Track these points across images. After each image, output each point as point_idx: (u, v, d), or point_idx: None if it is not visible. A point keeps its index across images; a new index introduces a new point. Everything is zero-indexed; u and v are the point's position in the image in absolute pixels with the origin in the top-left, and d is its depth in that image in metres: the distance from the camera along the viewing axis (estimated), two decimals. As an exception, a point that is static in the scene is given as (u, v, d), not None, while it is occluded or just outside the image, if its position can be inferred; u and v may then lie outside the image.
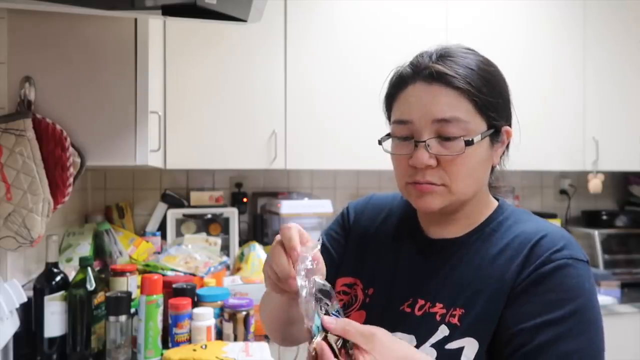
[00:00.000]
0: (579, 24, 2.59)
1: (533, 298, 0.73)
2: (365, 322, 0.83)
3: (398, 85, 0.83)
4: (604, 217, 2.82)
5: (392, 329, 0.80)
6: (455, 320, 0.76)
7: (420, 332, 0.78)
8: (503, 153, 0.85)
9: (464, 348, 0.74)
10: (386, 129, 0.88)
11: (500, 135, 0.82)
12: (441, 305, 0.78)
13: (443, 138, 0.76)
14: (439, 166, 0.77)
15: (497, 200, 0.88)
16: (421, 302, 0.81)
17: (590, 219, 2.88)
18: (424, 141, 0.76)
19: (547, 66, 2.54)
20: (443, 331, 0.76)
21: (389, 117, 0.87)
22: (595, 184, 2.62)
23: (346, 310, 0.88)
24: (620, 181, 3.07)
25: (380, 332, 0.65)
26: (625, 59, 2.65)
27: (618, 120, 2.63)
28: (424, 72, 0.79)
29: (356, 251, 0.93)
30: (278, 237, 0.74)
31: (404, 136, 0.80)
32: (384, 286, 0.86)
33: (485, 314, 0.75)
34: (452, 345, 0.75)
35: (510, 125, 0.84)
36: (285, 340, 0.98)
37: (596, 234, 2.64)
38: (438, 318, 0.78)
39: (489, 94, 0.78)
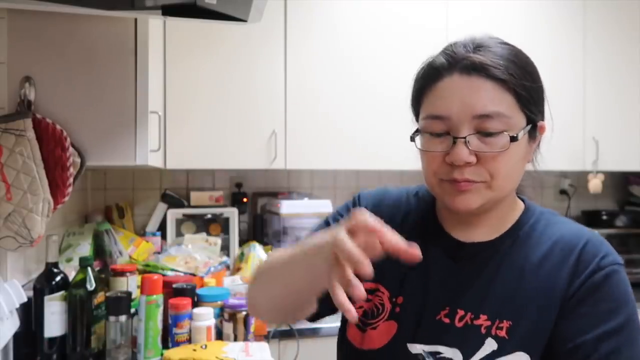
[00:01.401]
0: (578, 24, 2.59)
1: (589, 309, 0.71)
2: (398, 333, 0.78)
3: (430, 77, 0.76)
4: (604, 217, 2.82)
5: (431, 340, 0.76)
6: (503, 333, 0.72)
7: (465, 345, 0.74)
8: (535, 150, 0.81)
9: None
10: (386, 128, 0.86)
11: (537, 131, 0.78)
12: (485, 317, 0.74)
13: (484, 134, 0.71)
14: (478, 163, 0.72)
15: (522, 200, 0.86)
16: (461, 312, 0.76)
17: (590, 219, 2.88)
18: (464, 137, 0.71)
19: (546, 66, 2.51)
20: (491, 345, 0.72)
21: (417, 112, 0.80)
22: (595, 184, 2.62)
23: (371, 320, 0.82)
24: (620, 181, 3.07)
25: None
26: (625, 59, 2.65)
27: (618, 120, 2.63)
28: (462, 62, 0.72)
29: None
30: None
31: (440, 132, 0.73)
32: (415, 294, 0.80)
33: (537, 326, 0.72)
34: None
35: (544, 120, 0.80)
36: (280, 320, 0.90)
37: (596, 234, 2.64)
38: (483, 331, 0.73)
39: (529, 86, 0.73)
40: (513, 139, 0.71)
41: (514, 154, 0.73)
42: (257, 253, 2.21)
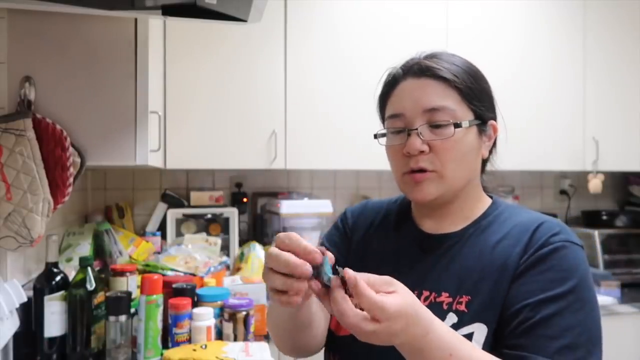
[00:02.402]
0: (578, 24, 2.59)
1: (533, 277, 0.76)
2: None
3: (390, 85, 0.89)
4: (604, 217, 2.82)
5: None
6: (462, 307, 0.79)
7: None
8: (492, 150, 0.90)
9: (473, 333, 0.77)
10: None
11: (487, 127, 0.87)
12: (447, 295, 0.81)
13: (434, 126, 0.82)
14: (431, 152, 0.82)
15: (491, 197, 0.93)
16: (426, 293, 0.83)
17: (590, 219, 2.88)
18: (416, 129, 0.82)
19: (547, 66, 2.54)
20: (452, 319, 0.78)
21: (382, 117, 0.93)
22: (595, 184, 2.62)
23: None
24: (620, 181, 3.07)
25: (395, 279, 0.66)
26: (625, 59, 2.65)
27: (618, 120, 2.63)
28: (413, 68, 0.86)
29: (357, 253, 0.96)
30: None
31: (398, 129, 0.85)
32: None
33: (491, 298, 0.78)
34: (462, 331, 0.77)
35: (495, 120, 0.89)
36: (295, 349, 0.96)
37: (596, 234, 2.64)
38: (445, 307, 0.80)
39: (473, 86, 0.84)
40: (456, 125, 0.81)
41: (462, 143, 0.83)
42: (257, 253, 2.21)
